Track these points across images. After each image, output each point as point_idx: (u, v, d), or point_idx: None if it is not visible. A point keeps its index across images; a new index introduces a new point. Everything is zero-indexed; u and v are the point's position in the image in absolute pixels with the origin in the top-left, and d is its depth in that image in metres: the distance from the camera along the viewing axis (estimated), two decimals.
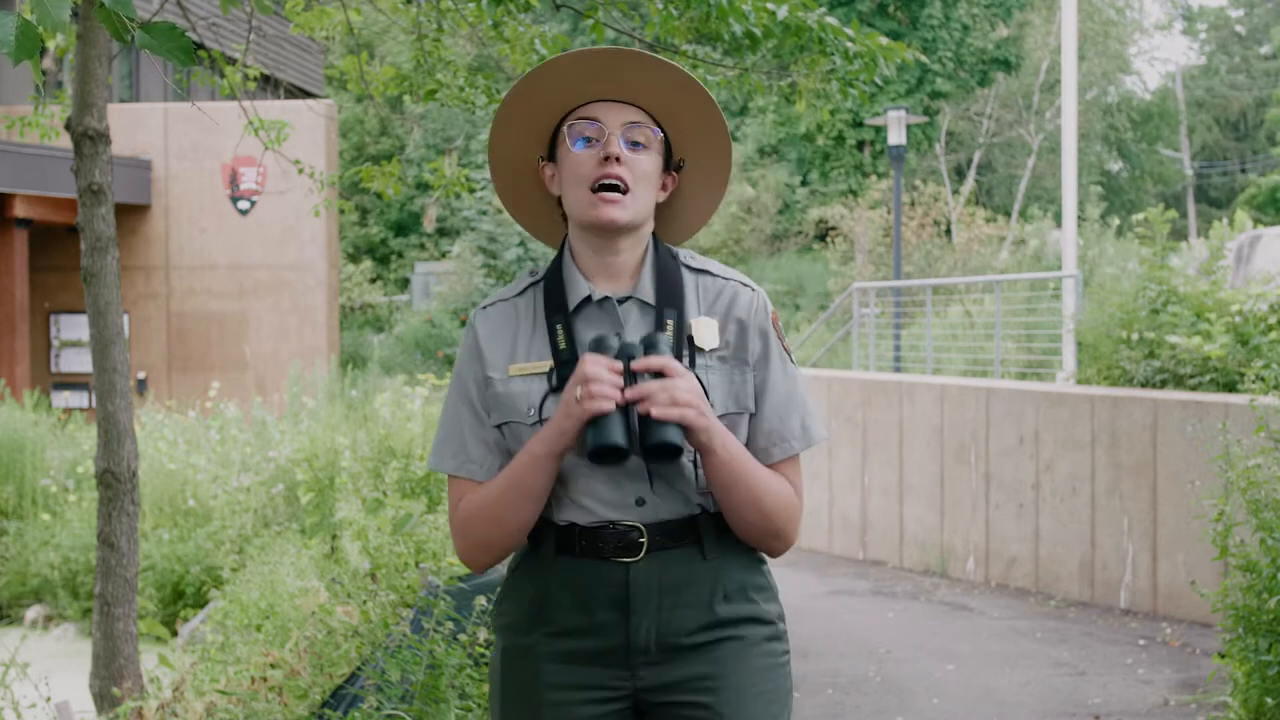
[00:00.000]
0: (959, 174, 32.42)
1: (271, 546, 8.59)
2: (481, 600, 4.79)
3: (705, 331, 2.27)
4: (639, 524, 2.24)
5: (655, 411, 2.12)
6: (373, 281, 28.82)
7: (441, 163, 7.12)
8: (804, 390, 2.35)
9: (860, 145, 31.76)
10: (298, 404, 12.65)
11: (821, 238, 29.42)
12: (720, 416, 2.24)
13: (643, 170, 2.26)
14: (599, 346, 2.18)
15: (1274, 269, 10.24)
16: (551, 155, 2.33)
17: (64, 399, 17.95)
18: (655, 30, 5.89)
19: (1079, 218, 17.98)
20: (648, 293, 2.29)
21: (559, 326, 2.27)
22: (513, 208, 2.44)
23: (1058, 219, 25.26)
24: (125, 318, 13.34)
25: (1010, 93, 31.55)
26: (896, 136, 17.52)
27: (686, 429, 2.14)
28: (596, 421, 2.13)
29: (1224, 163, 45.19)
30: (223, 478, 10.15)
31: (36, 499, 11.02)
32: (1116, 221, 23.35)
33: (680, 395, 2.12)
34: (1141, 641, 7.63)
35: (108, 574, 5.46)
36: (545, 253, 23.61)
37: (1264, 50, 46.83)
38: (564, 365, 2.24)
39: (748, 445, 2.29)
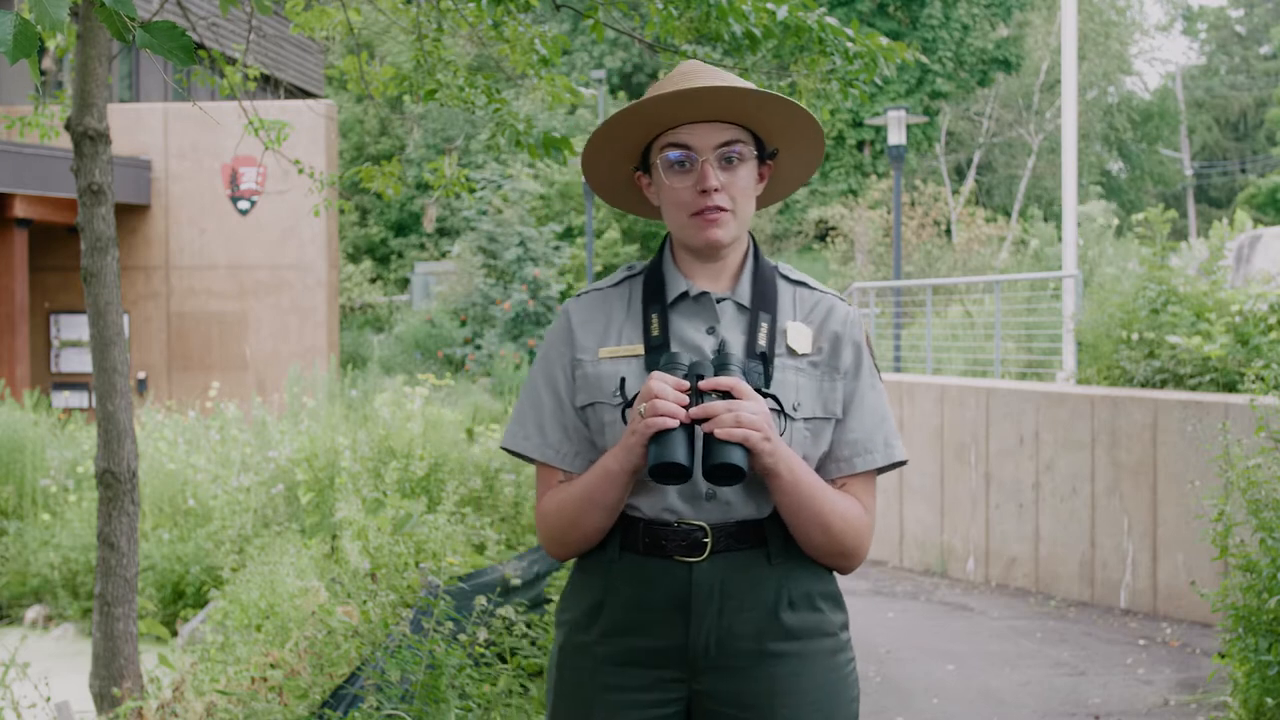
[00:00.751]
0: (959, 174, 32.42)
1: (271, 546, 8.59)
2: (481, 600, 4.79)
3: (799, 336, 2.31)
4: (704, 524, 2.24)
5: (719, 432, 2.12)
6: (373, 281, 28.82)
7: (441, 163, 7.12)
8: (888, 409, 2.37)
9: (860, 145, 31.77)
10: (298, 404, 12.65)
11: (821, 238, 29.43)
12: (807, 420, 2.27)
13: (740, 186, 2.29)
14: (669, 364, 2.19)
15: (1274, 269, 10.24)
16: (645, 167, 2.37)
17: (64, 399, 17.95)
18: (655, 30, 5.89)
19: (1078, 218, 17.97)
20: (745, 296, 2.33)
21: (654, 315, 2.31)
22: (621, 208, 2.50)
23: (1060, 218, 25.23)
24: (125, 318, 13.34)
25: (1010, 93, 31.55)
26: (896, 136, 17.53)
27: (750, 451, 2.14)
28: (659, 438, 2.13)
29: (1224, 163, 45.18)
30: (223, 478, 10.15)
31: (36, 499, 11.01)
32: (1116, 221, 23.35)
33: (745, 417, 2.13)
34: (1141, 641, 7.63)
35: (108, 574, 5.46)
36: (545, 253, 23.61)
37: (1264, 50, 46.83)
38: (653, 351, 2.28)
39: (830, 454, 2.31)
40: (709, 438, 2.13)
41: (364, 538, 6.14)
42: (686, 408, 2.14)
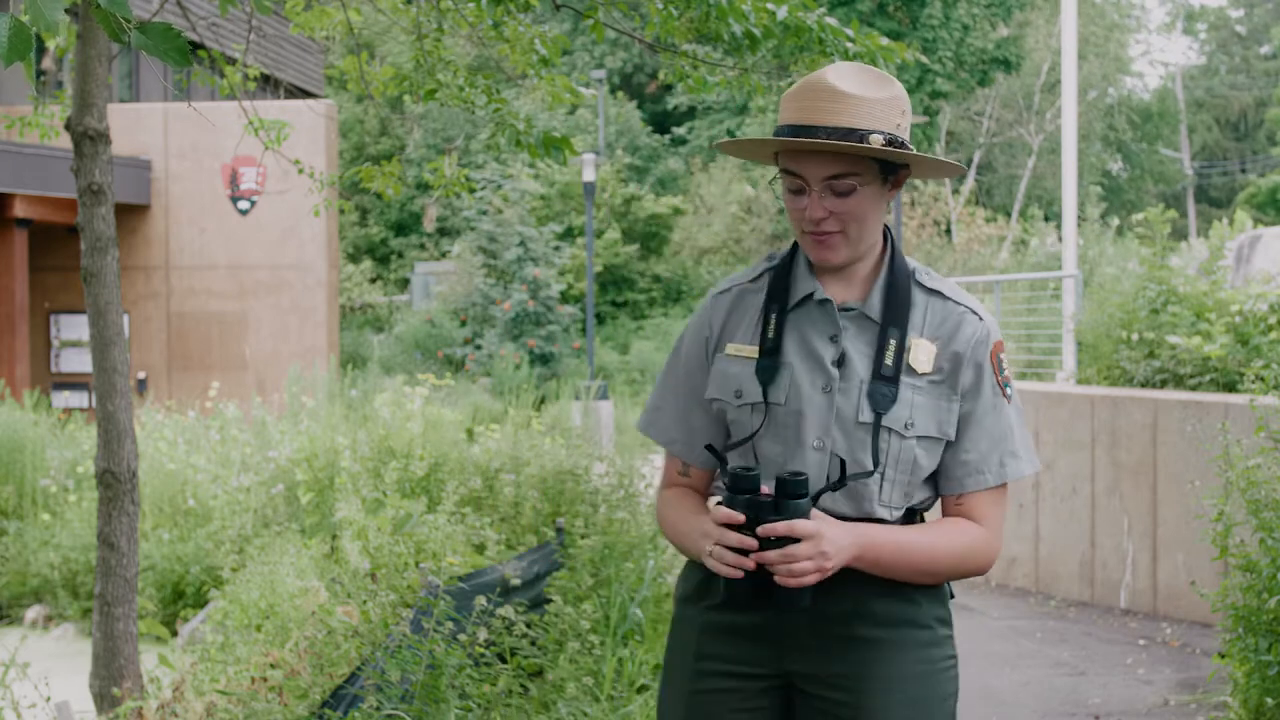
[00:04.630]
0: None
1: (271, 546, 8.59)
2: (481, 600, 4.79)
3: (921, 355, 2.29)
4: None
5: (778, 580, 2.17)
6: (373, 281, 28.83)
7: (441, 163, 7.11)
8: (1013, 426, 2.34)
9: None
10: (297, 404, 12.65)
11: None
12: (920, 439, 2.28)
13: (854, 212, 2.27)
14: (735, 487, 2.21)
15: (1274, 269, 10.24)
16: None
17: (64, 399, 17.95)
18: (655, 30, 5.89)
19: (1079, 218, 17.97)
20: (875, 309, 2.31)
21: (772, 316, 2.32)
22: None
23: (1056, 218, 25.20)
24: (125, 318, 13.34)
25: (1010, 93, 31.55)
26: None
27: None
28: (728, 582, 2.22)
29: (1224, 163, 45.19)
30: (223, 478, 10.15)
31: (36, 499, 11.01)
32: (1116, 222, 23.36)
33: (799, 566, 2.15)
34: (1141, 641, 7.64)
35: (108, 574, 5.46)
36: (545, 253, 23.60)
37: (1264, 50, 46.83)
38: (767, 355, 2.30)
39: (944, 472, 2.33)
40: (773, 578, 2.19)
41: (364, 538, 6.14)
42: (746, 552, 2.18)
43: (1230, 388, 8.37)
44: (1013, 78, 31.78)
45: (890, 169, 2.29)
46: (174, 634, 9.17)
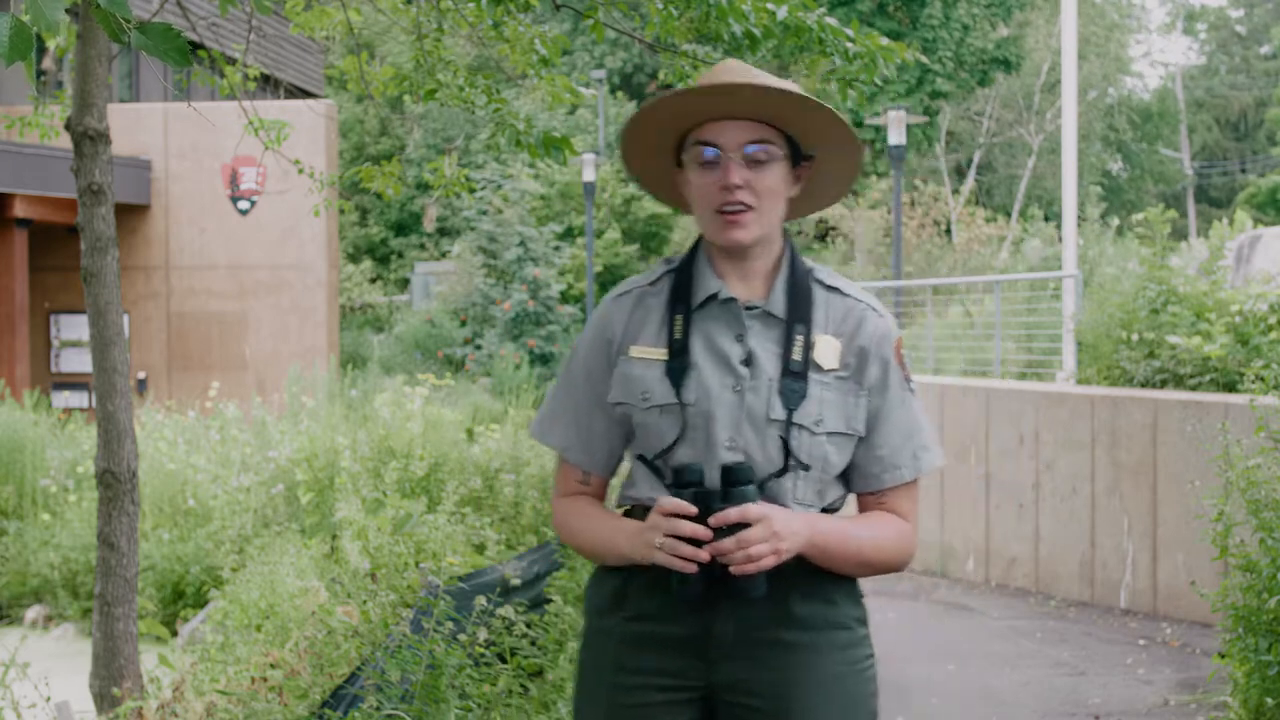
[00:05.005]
0: (959, 174, 32.42)
1: (271, 546, 8.59)
2: (481, 600, 4.79)
3: (827, 351, 2.29)
4: None
5: (733, 569, 2.16)
6: (373, 281, 28.82)
7: (441, 163, 7.11)
8: (920, 418, 2.35)
9: None
10: (297, 404, 12.65)
11: (822, 237, 29.43)
12: (830, 435, 2.27)
13: (766, 186, 2.27)
14: (680, 479, 2.21)
15: (1274, 269, 10.23)
16: (681, 163, 2.36)
17: (64, 399, 17.95)
18: (655, 30, 5.89)
19: (1079, 218, 17.97)
20: (778, 306, 2.30)
21: (678, 318, 2.30)
22: (668, 204, 2.49)
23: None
24: (125, 318, 13.34)
25: (1011, 93, 31.55)
26: (896, 136, 17.52)
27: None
28: (676, 574, 2.20)
29: (1224, 163, 45.19)
30: (223, 478, 10.15)
31: (36, 499, 11.01)
32: (1116, 222, 23.36)
33: (755, 550, 2.15)
34: (1141, 641, 7.63)
35: (108, 574, 5.46)
36: (545, 253, 23.60)
37: (1264, 50, 46.83)
38: (675, 357, 2.28)
39: (858, 470, 2.33)
40: (726, 567, 2.18)
41: (364, 538, 6.14)
42: (699, 544, 2.16)
43: (1230, 388, 8.37)
44: (1013, 78, 31.77)
45: (797, 154, 2.31)
46: (174, 634, 9.17)
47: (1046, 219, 29.10)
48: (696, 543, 2.17)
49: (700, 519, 2.17)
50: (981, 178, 32.69)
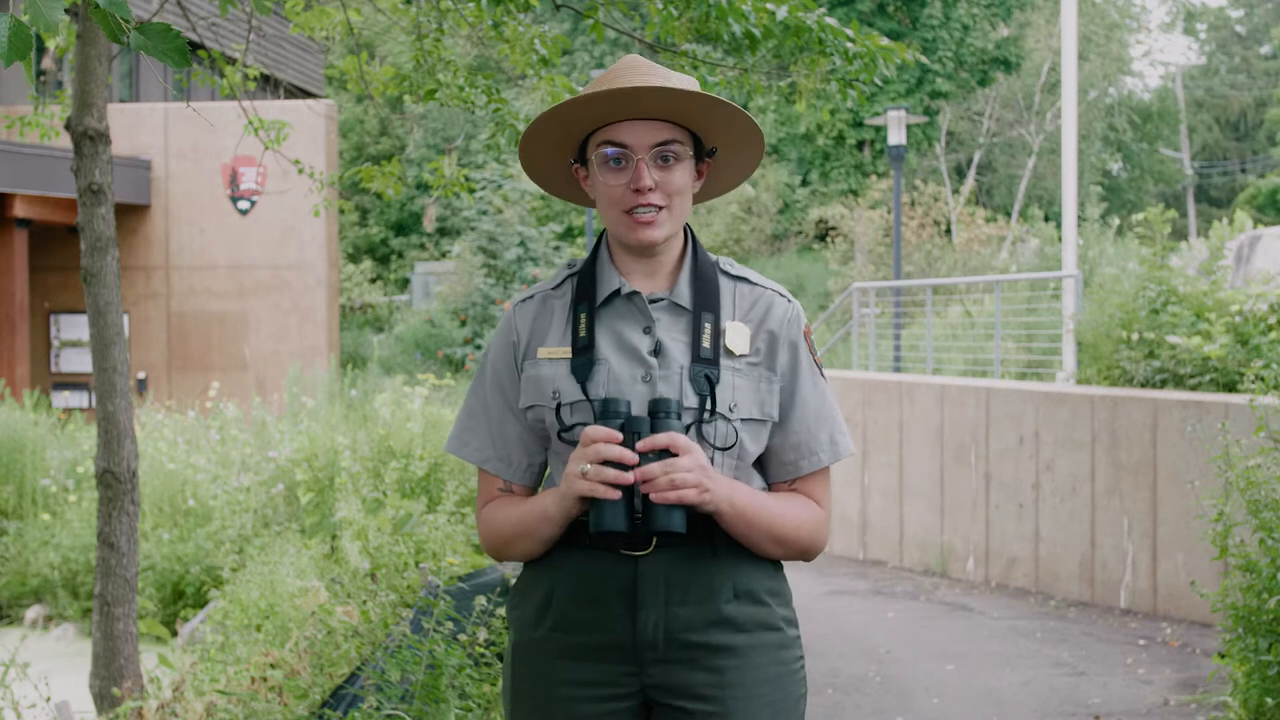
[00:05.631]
0: (959, 174, 32.41)
1: (271, 546, 8.59)
2: (481, 600, 4.79)
3: (737, 337, 2.29)
4: None
5: (654, 497, 2.15)
6: (373, 281, 28.82)
7: (441, 163, 7.12)
8: (833, 403, 2.36)
9: (860, 145, 31.76)
10: (297, 404, 12.65)
11: (822, 238, 29.42)
12: (744, 421, 2.27)
13: (675, 185, 2.28)
14: (606, 412, 2.20)
15: (1274, 269, 10.24)
16: (582, 159, 2.35)
17: (64, 399, 17.95)
18: (655, 30, 5.89)
19: (1079, 218, 17.97)
20: (684, 296, 2.31)
21: (582, 315, 2.30)
22: (560, 197, 2.49)
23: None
24: (125, 318, 13.34)
25: (1011, 93, 31.53)
26: (896, 136, 17.51)
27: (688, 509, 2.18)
28: (597, 503, 2.16)
29: (1224, 163, 45.19)
30: (223, 478, 10.15)
31: (36, 499, 11.01)
32: (1116, 222, 23.34)
33: (680, 476, 2.15)
34: (1141, 641, 7.63)
35: (108, 574, 5.46)
36: (545, 253, 23.61)
37: (1264, 50, 46.82)
38: (580, 353, 2.28)
39: (775, 457, 2.33)
40: (647, 500, 2.16)
41: (364, 538, 6.14)
42: (624, 466, 2.15)
43: (1230, 388, 8.37)
44: (1013, 78, 31.75)
45: (700, 150, 2.32)
46: (174, 634, 9.17)
47: (1046, 219, 29.09)
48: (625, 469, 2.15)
49: (628, 444, 2.16)
50: (981, 178, 32.69)
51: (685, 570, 2.26)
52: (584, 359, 2.27)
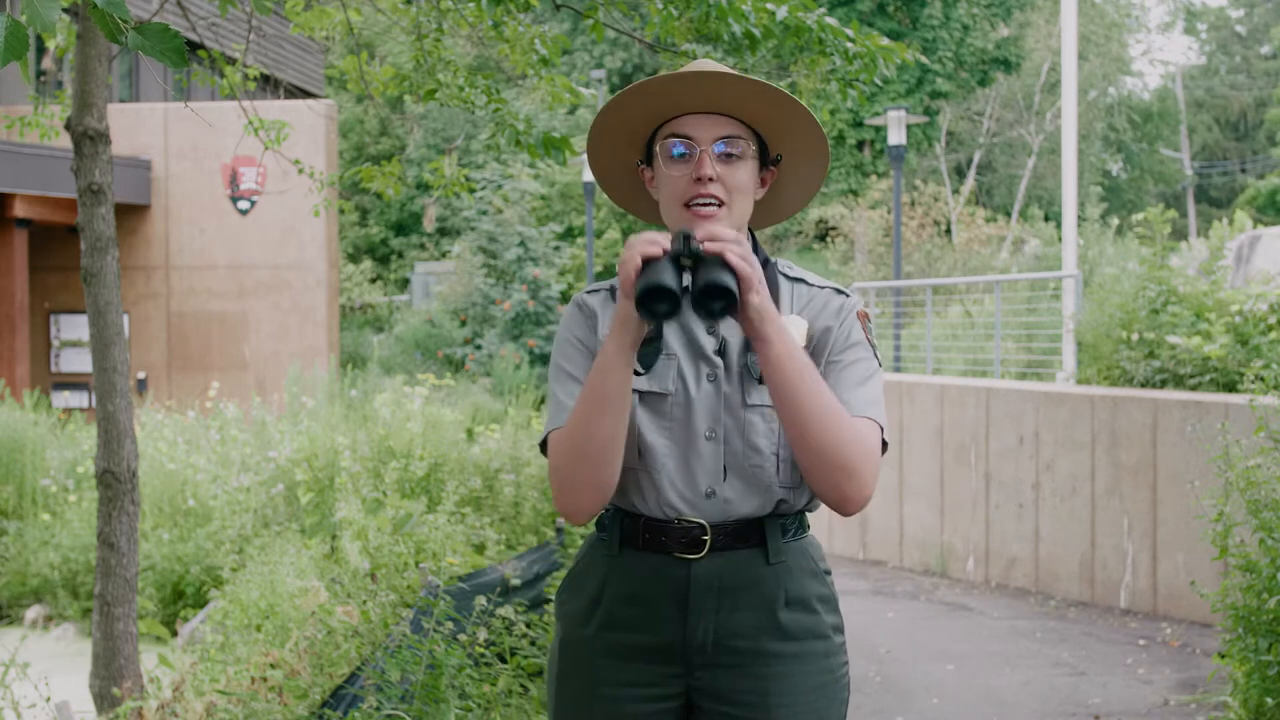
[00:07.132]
0: (959, 174, 32.41)
1: (271, 546, 8.59)
2: (481, 600, 4.80)
3: (795, 329, 2.28)
4: (704, 521, 2.24)
5: (708, 245, 2.07)
6: (373, 281, 28.81)
7: (441, 163, 7.12)
8: (878, 386, 2.30)
9: (860, 145, 31.75)
10: (297, 404, 12.65)
11: (822, 238, 29.42)
12: None
13: (737, 182, 2.27)
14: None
15: (1274, 269, 10.24)
16: (649, 159, 2.35)
17: (64, 399, 17.95)
18: (655, 30, 5.89)
19: (1079, 218, 17.98)
20: None
21: None
22: (622, 205, 2.47)
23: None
24: (125, 318, 13.34)
25: (1011, 93, 31.54)
26: (896, 136, 17.52)
27: (740, 280, 2.07)
28: (646, 268, 2.08)
29: (1224, 163, 45.19)
30: (223, 478, 10.15)
31: (36, 499, 11.01)
32: (1116, 222, 23.34)
33: (719, 232, 2.08)
34: (1141, 641, 7.63)
35: (108, 574, 5.46)
36: (545, 253, 23.60)
37: (1264, 50, 46.83)
38: (649, 342, 2.25)
39: None
40: (698, 264, 2.08)
41: (364, 538, 6.14)
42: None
43: (1230, 388, 8.37)
44: (1013, 78, 31.75)
45: (765, 155, 2.31)
46: (174, 634, 9.17)
47: (1046, 219, 29.09)
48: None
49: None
50: (981, 178, 32.69)
51: (738, 575, 2.24)
52: (653, 348, 2.26)
